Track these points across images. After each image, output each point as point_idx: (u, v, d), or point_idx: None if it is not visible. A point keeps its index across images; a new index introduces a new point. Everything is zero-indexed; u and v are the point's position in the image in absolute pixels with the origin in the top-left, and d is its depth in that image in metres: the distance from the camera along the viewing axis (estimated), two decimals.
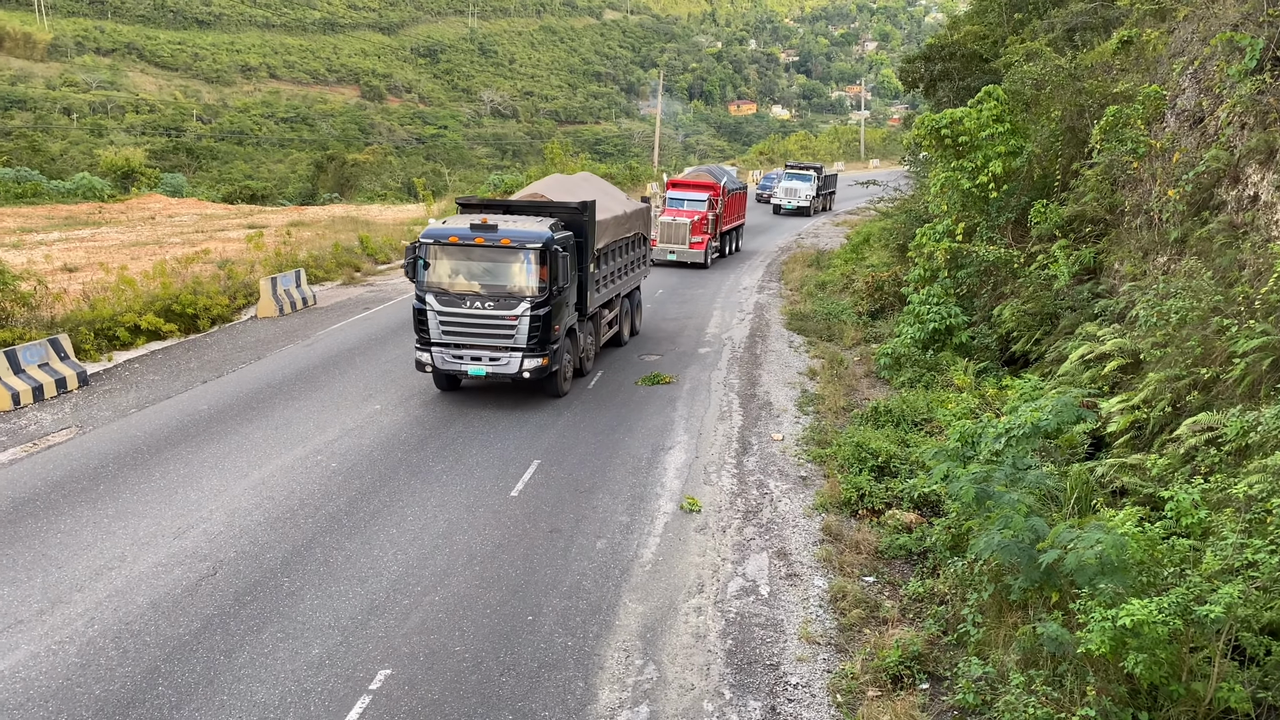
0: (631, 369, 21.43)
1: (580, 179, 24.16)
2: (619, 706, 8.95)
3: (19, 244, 34.12)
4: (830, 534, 12.62)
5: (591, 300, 19.80)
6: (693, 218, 36.71)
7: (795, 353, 23.00)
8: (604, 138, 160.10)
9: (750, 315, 27.86)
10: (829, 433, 16.40)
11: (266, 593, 10.91)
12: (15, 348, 18.16)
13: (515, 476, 14.69)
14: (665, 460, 15.59)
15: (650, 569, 11.78)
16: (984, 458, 11.00)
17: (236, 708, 8.79)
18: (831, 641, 10.10)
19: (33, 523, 12.59)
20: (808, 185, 57.85)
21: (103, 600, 10.64)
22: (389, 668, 9.47)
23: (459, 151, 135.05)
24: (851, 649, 9.89)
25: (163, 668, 9.38)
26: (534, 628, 10.31)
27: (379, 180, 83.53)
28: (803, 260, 36.83)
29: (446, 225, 17.74)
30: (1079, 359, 15.33)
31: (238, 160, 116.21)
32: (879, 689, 9.04)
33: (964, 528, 11.00)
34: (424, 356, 17.65)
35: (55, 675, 9.22)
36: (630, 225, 23.01)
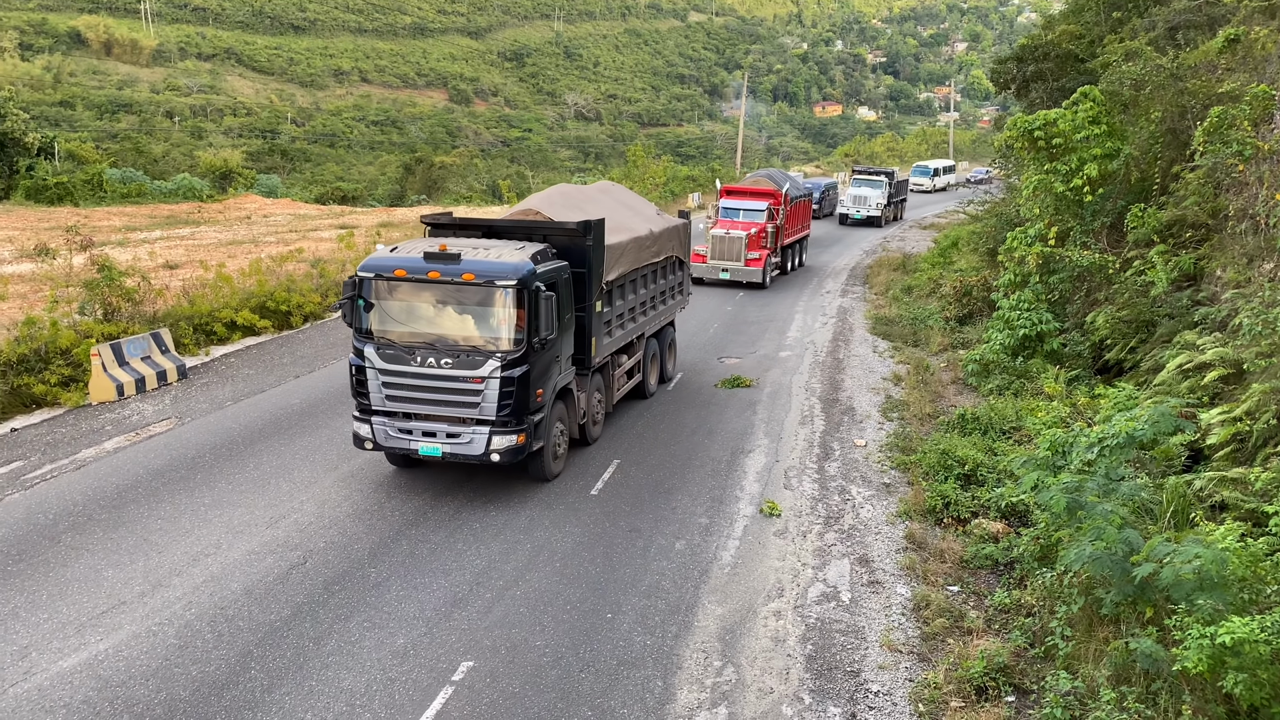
0: (711, 372, 21.39)
1: (597, 190, 19.79)
2: (697, 707, 8.95)
3: (124, 241, 35.56)
4: (914, 542, 12.43)
5: (599, 348, 15.44)
6: (749, 230, 32.39)
7: (880, 358, 22.70)
8: (686, 140, 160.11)
9: (833, 319, 27.58)
10: (913, 439, 16.14)
11: (354, 582, 11.18)
12: (120, 341, 18.95)
13: (595, 475, 14.80)
14: (745, 463, 15.52)
15: (729, 571, 11.75)
16: (1075, 468, 10.72)
17: (325, 693, 9.03)
18: (914, 650, 9.95)
19: (135, 509, 13.12)
20: (878, 192, 52.57)
21: (199, 585, 11.04)
22: (471, 660, 9.63)
23: (543, 154, 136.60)
24: (934, 658, 9.73)
25: (255, 652, 9.68)
26: (613, 625, 10.37)
27: (465, 182, 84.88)
28: (888, 264, 36.30)
29: (395, 254, 13.33)
30: (1177, 368, 14.83)
31: (329, 162, 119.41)
32: (962, 700, 8.87)
33: (1053, 539, 10.73)
34: (362, 429, 13.30)
35: (155, 655, 9.59)
36: (659, 248, 18.46)
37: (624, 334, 16.82)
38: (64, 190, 55.77)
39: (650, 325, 18.50)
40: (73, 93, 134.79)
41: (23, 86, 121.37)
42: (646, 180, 57.85)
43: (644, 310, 18.01)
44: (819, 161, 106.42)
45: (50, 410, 17.46)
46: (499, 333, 12.90)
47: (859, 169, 57.81)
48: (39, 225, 40.06)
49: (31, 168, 60.03)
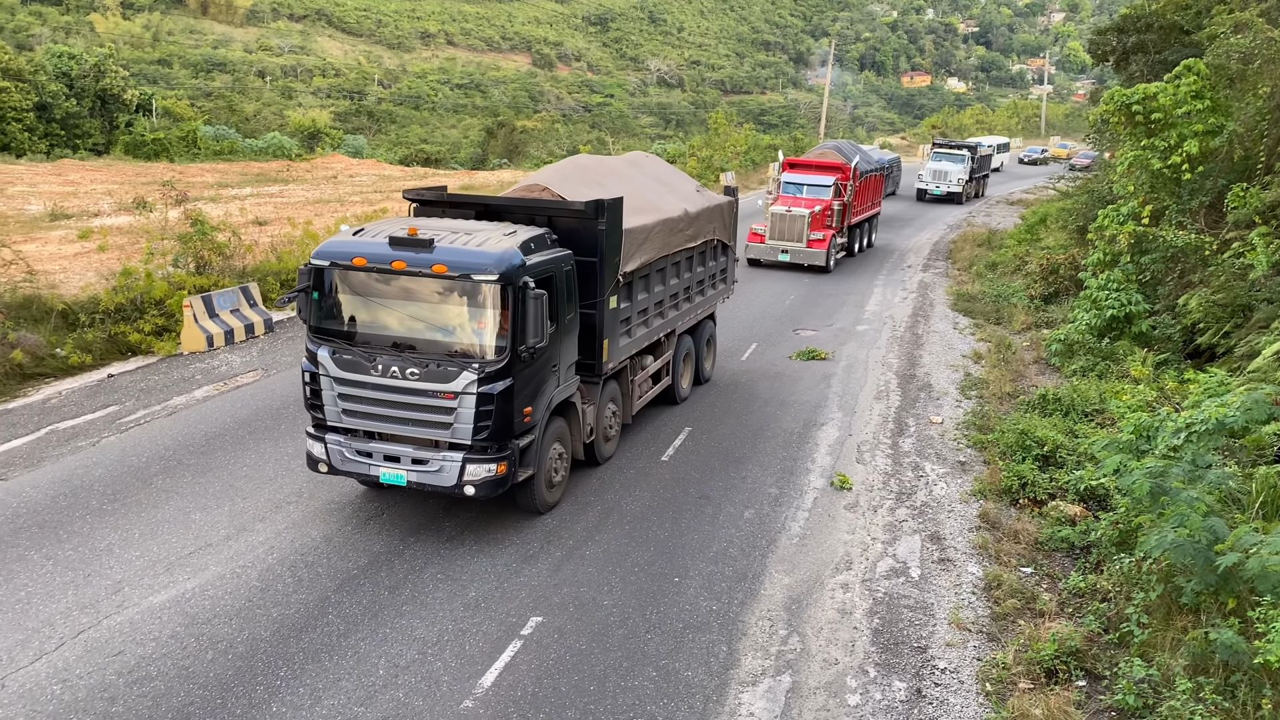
0: (786, 344, 21.25)
1: (623, 163, 17.18)
2: (761, 674, 9.00)
3: (216, 198, 36.59)
4: (987, 521, 12.25)
5: (612, 351, 13.08)
6: (813, 208, 29.52)
7: (960, 334, 22.29)
8: (769, 108, 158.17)
9: (913, 294, 27.14)
10: (991, 419, 15.85)
11: (430, 535, 11.45)
12: (211, 293, 19.57)
13: (666, 442, 14.86)
14: (817, 436, 15.44)
15: (798, 542, 11.74)
16: (1160, 453, 10.43)
17: (398, 640, 9.29)
18: (983, 630, 9.84)
19: (222, 455, 13.60)
20: (959, 167, 50.25)
21: (281, 531, 11.42)
22: (540, 615, 9.81)
23: (624, 120, 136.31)
24: (1004, 639, 9.61)
25: (332, 598, 10.00)
26: (680, 589, 10.46)
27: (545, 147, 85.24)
28: (972, 239, 35.50)
29: (357, 239, 11.11)
30: (1274, 354, 14.27)
31: (414, 124, 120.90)
32: (1031, 681, 8.76)
33: (1133, 524, 10.47)
34: (315, 449, 11.18)
35: (238, 596, 9.97)
36: (696, 230, 16.02)
37: (648, 333, 14.48)
38: (160, 146, 57.55)
39: (683, 320, 16.08)
40: (170, 51, 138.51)
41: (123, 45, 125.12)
42: (727, 148, 57.34)
43: (675, 303, 15.64)
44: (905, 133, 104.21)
45: (144, 358, 18.14)
46: (477, 338, 10.65)
47: (939, 142, 55.30)
48: (136, 179, 41.42)
49: (130, 124, 62.05)
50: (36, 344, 17.05)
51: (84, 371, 17.16)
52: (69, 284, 20.28)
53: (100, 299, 18.78)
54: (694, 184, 17.67)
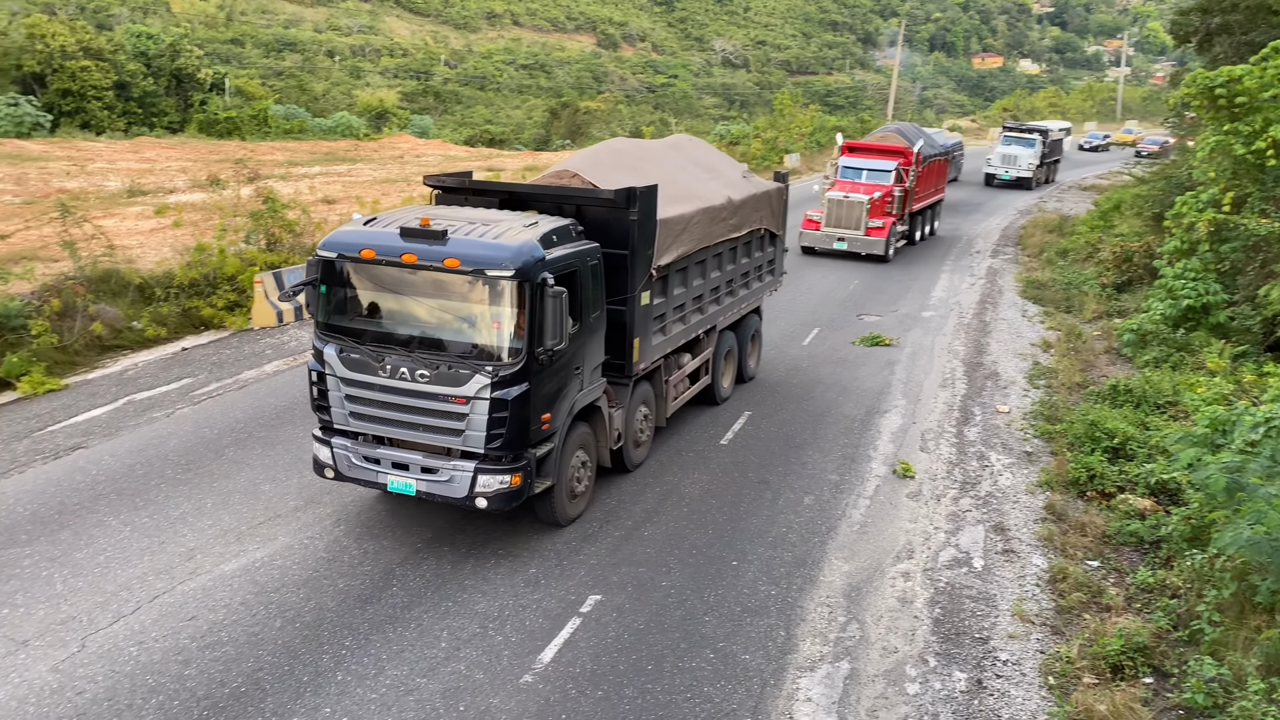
0: (849, 329, 21.04)
1: (665, 146, 16.20)
2: (820, 660, 8.97)
3: (286, 176, 37.26)
4: (1054, 513, 12.03)
5: (644, 350, 12.21)
6: (872, 194, 28.31)
7: (1029, 322, 21.86)
8: (836, 89, 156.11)
9: (981, 280, 26.67)
10: (1060, 409, 15.55)
11: (490, 514, 11.57)
12: (281, 270, 19.97)
13: (726, 426, 14.84)
14: (880, 423, 15.28)
15: (858, 529, 11.66)
16: (1237, 447, 10.13)
17: (459, 614, 9.44)
18: (1047, 622, 9.69)
19: (291, 429, 13.91)
20: (1030, 152, 48.70)
21: (348, 504, 11.66)
22: (599, 594, 9.89)
23: (687, 101, 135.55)
24: (1069, 632, 9.45)
25: (397, 570, 10.19)
26: (738, 573, 10.46)
27: (608, 128, 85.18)
28: (1043, 225, 34.71)
29: (367, 228, 10.40)
30: None
31: (479, 105, 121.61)
32: (1096, 676, 8.61)
33: (1207, 520, 10.21)
34: (322, 453, 10.63)
35: (306, 566, 10.22)
36: (741, 219, 15.06)
37: (685, 330, 13.61)
38: (233, 125, 58.70)
39: (726, 315, 15.20)
40: (243, 31, 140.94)
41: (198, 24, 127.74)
42: (792, 130, 56.78)
43: (716, 298, 14.75)
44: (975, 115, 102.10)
45: (216, 332, 18.60)
46: (491, 339, 9.86)
47: (1010, 126, 53.63)
48: (209, 157, 42.34)
49: (204, 102, 63.37)
50: (115, 317, 17.58)
51: (159, 344, 17.65)
52: (145, 259, 20.84)
53: (175, 274, 19.28)
54: (740, 169, 16.76)
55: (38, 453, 12.80)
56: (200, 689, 8.14)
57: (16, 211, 25.96)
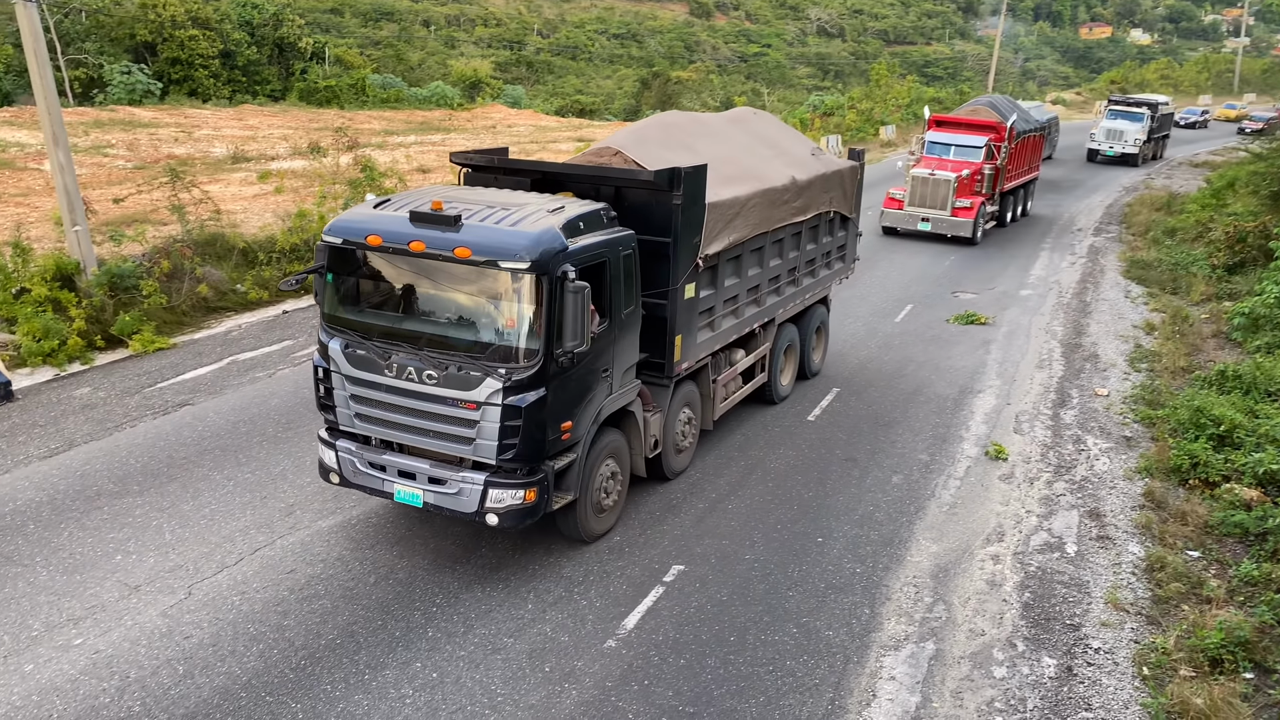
0: (944, 306, 20.61)
1: (725, 121, 14.57)
2: (904, 639, 8.90)
3: (383, 145, 37.96)
4: (1153, 500, 11.66)
5: (688, 348, 11.10)
6: (960, 172, 26.48)
7: (1132, 303, 21.11)
8: (934, 60, 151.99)
9: (1083, 259, 25.83)
10: (1163, 393, 15.02)
11: None
12: None
13: (813, 402, 14.73)
14: (973, 403, 14.98)
15: (947, 510, 11.48)
16: None
17: (546, 577, 9.61)
18: (1143, 612, 9.42)
19: None
20: (1137, 126, 46.27)
21: None
22: (682, 564, 9.96)
23: (780, 71, 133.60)
24: (1166, 623, 9.18)
25: (486, 532, 10.38)
26: (823, 550, 10.42)
27: (699, 99, 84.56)
28: (1150, 203, 33.39)
29: (377, 211, 9.36)
30: None
31: (570, 75, 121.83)
32: (1193, 669, 8.36)
33: None
34: (327, 456, 9.77)
35: (400, 525, 10.50)
36: (807, 201, 13.69)
37: (737, 324, 12.40)
38: (332, 93, 60.01)
39: (786, 307, 13.93)
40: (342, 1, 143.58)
41: None
42: (889, 101, 55.59)
43: (776, 288, 13.46)
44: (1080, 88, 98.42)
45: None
46: (504, 338, 8.80)
47: (1116, 99, 50.96)
48: (309, 125, 43.39)
49: (305, 71, 64.87)
50: (220, 279, 18.23)
51: (261, 307, 18.24)
52: (249, 224, 21.52)
53: (277, 239, 19.87)
54: (809, 145, 15.26)
55: (148, 408, 13.40)
56: (298, 639, 8.47)
57: (129, 176, 27.04)
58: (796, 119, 51.35)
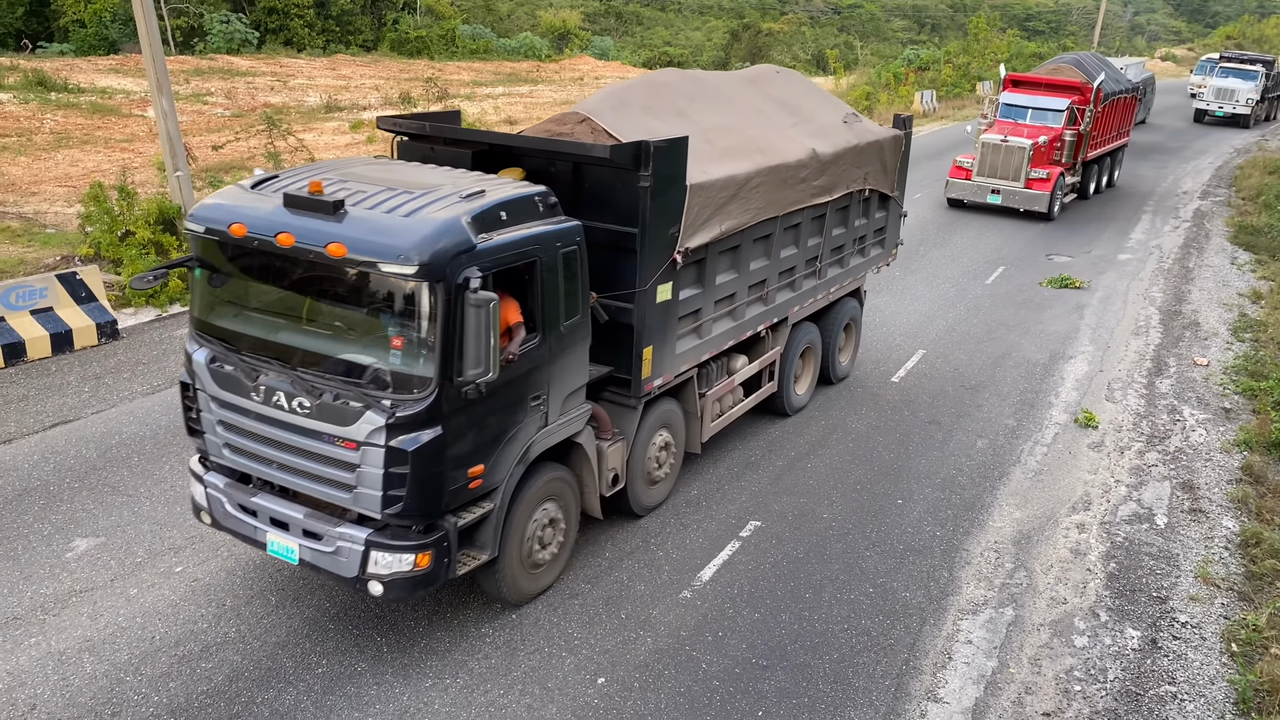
0: (1036, 268, 20.04)
1: (741, 81, 12.19)
2: (983, 604, 8.80)
3: (471, 96, 38.24)
4: (1251, 474, 11.26)
5: (663, 361, 9.18)
6: (1037, 139, 23.69)
7: (1238, 270, 20.25)
8: (1036, 13, 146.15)
9: (1186, 223, 24.81)
10: (1267, 365, 14.43)
11: None
12: None
13: (898, 363, 14.52)
14: (1064, 369, 14.60)
15: (1033, 477, 11.26)
16: None
17: (623, 528, 9.72)
18: (1234, 588, 9.15)
19: None
20: (1250, 85, 43.69)
21: None
22: (759, 520, 9.98)
23: (874, 24, 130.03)
24: (1259, 600, 8.90)
25: None
26: (903, 512, 10.33)
27: (790, 51, 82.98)
28: (1263, 166, 31.84)
29: (254, 193, 7.36)
30: None
31: (659, 26, 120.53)
32: None
33: None
34: (196, 491, 7.93)
35: None
36: (833, 178, 11.47)
37: (735, 328, 10.30)
38: (422, 44, 60.51)
39: (805, 304, 11.75)
40: None
41: None
42: (987, 55, 53.79)
43: (791, 282, 11.26)
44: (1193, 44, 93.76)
45: None
46: (389, 361, 6.79)
47: (1228, 55, 47.87)
48: (400, 75, 43.89)
49: (397, 21, 65.44)
50: None
51: None
52: None
53: None
54: (842, 111, 12.72)
55: None
56: None
57: (227, 124, 27.77)
58: (890, 73, 50.06)
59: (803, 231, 11.29)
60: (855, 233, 12.73)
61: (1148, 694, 7.75)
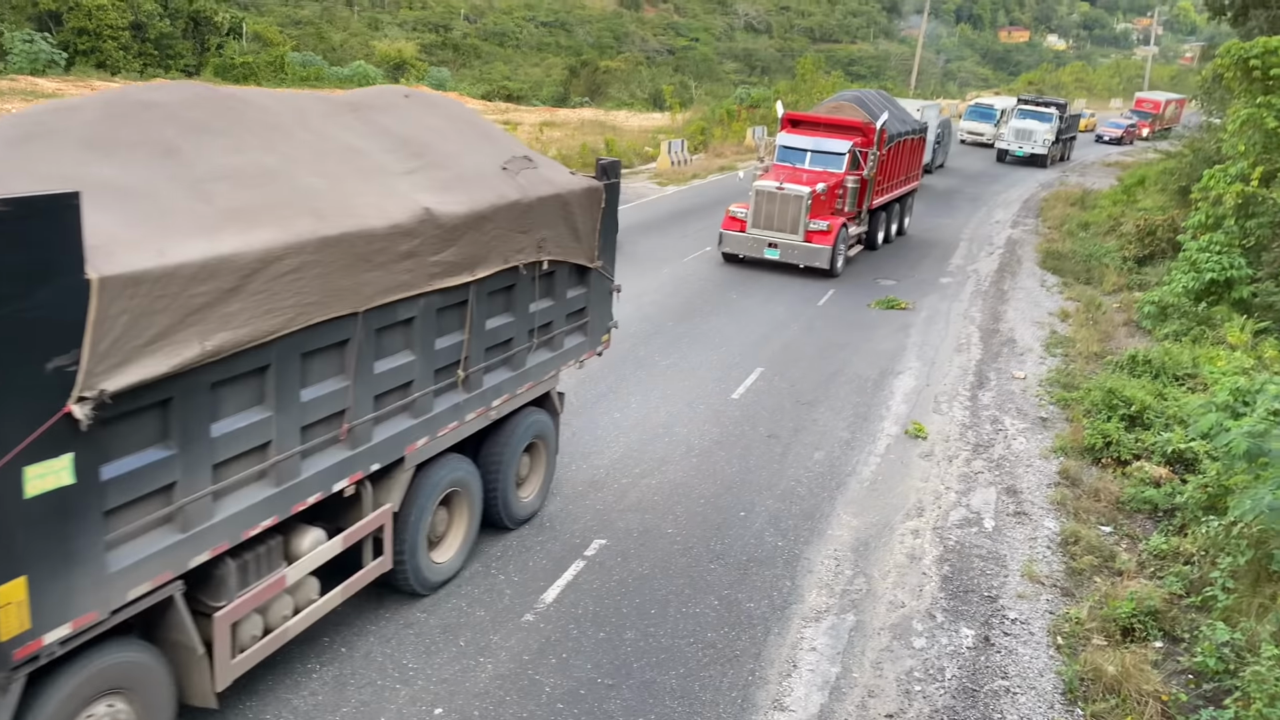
0: (865, 291, 20.78)
1: (320, 110, 8.25)
2: (825, 611, 8.86)
3: None
4: (1067, 478, 11.86)
5: (71, 594, 5.05)
6: (815, 186, 20.90)
7: (1047, 292, 21.58)
8: (859, 58, 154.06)
9: (1000, 250, 26.35)
10: (1077, 377, 15.34)
11: None
12: None
13: (737, 381, 14.68)
14: (893, 384, 15.09)
15: (868, 486, 11.51)
16: (1260, 416, 9.93)
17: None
18: (1058, 584, 9.55)
19: None
20: (1046, 127, 45.60)
21: None
22: (604, 539, 9.77)
23: (708, 65, 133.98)
24: (1080, 594, 9.31)
25: None
26: (745, 523, 10.34)
27: (627, 89, 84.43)
28: (1065, 199, 34.29)
29: None
30: None
31: (498, 61, 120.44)
32: (1106, 638, 8.47)
33: (1225, 485, 10.04)
34: None
35: None
36: (475, 250, 7.84)
37: (277, 496, 6.44)
38: (249, 70, 58.32)
39: (435, 435, 8.02)
40: None
41: None
42: (814, 95, 56.07)
43: (410, 405, 7.65)
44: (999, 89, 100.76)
45: None
46: None
47: (1025, 98, 50.45)
48: None
49: (221, 46, 62.89)
50: None
51: None
52: None
53: None
54: (507, 154, 8.88)
55: None
56: None
57: None
58: (724, 110, 51.48)
59: (421, 330, 7.49)
60: (531, 321, 9.02)
61: (983, 689, 7.94)
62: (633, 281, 19.49)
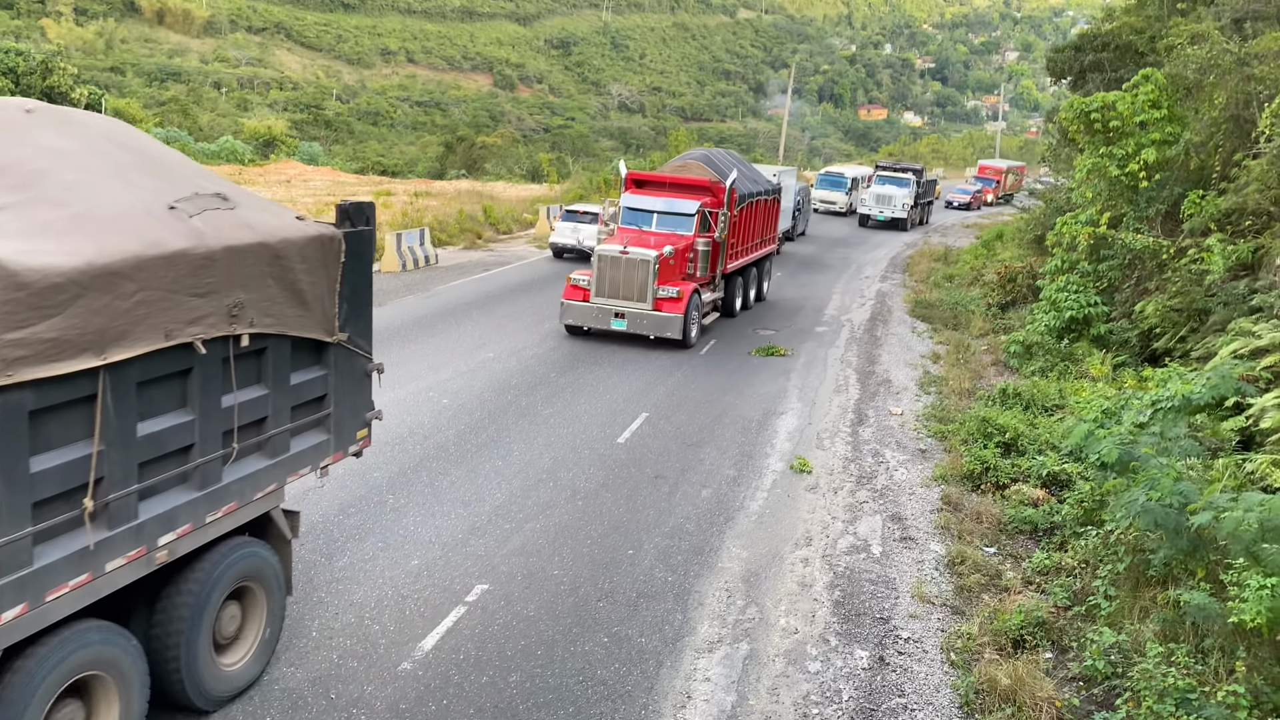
0: (745, 341, 20.96)
1: None
2: (718, 641, 8.57)
3: None
4: (950, 504, 11.96)
5: None
6: (662, 250, 19.25)
7: (918, 337, 22.19)
8: (729, 135, 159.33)
9: (871, 301, 27.07)
10: (951, 410, 15.67)
11: (371, 507, 10.90)
12: None
13: (623, 426, 14.45)
14: (777, 424, 15.12)
15: (756, 519, 11.36)
16: (1127, 428, 10.23)
17: (332, 605, 8.74)
18: (947, 603, 9.51)
19: None
20: (904, 191, 46.32)
21: None
22: (486, 584, 9.31)
23: (584, 142, 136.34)
24: (969, 611, 9.28)
25: None
26: (634, 561, 10.02)
27: (504, 164, 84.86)
28: (929, 255, 35.68)
29: None
30: (1230, 354, 14.25)
31: (372, 140, 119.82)
32: (998, 651, 8.42)
33: (1100, 496, 10.26)
34: None
35: None
36: (108, 319, 5.41)
37: None
38: None
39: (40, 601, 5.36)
40: (124, 59, 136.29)
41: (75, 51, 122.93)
42: None
43: None
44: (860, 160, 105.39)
45: None
46: None
47: (883, 165, 51.27)
48: None
49: None
50: None
51: None
52: None
53: None
54: (186, 188, 6.56)
55: None
56: None
57: None
58: (602, 177, 52.09)
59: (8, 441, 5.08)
60: (227, 420, 6.64)
61: (881, 708, 7.75)
62: (514, 337, 19.28)
